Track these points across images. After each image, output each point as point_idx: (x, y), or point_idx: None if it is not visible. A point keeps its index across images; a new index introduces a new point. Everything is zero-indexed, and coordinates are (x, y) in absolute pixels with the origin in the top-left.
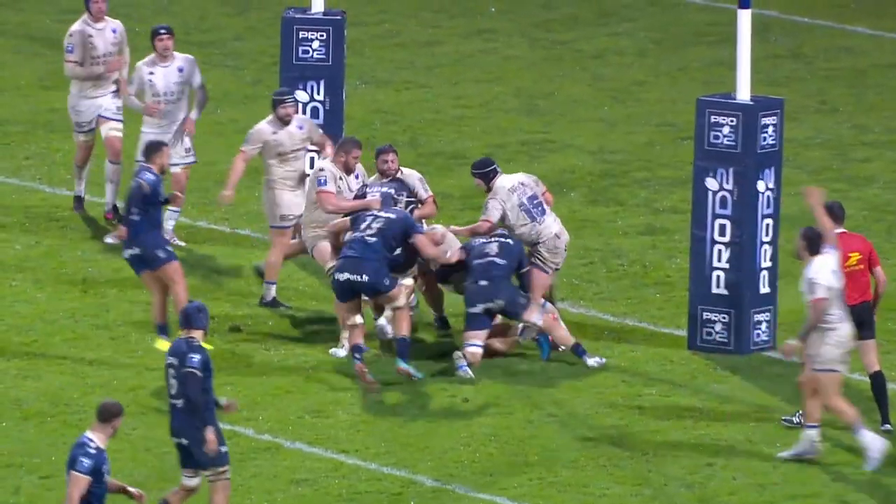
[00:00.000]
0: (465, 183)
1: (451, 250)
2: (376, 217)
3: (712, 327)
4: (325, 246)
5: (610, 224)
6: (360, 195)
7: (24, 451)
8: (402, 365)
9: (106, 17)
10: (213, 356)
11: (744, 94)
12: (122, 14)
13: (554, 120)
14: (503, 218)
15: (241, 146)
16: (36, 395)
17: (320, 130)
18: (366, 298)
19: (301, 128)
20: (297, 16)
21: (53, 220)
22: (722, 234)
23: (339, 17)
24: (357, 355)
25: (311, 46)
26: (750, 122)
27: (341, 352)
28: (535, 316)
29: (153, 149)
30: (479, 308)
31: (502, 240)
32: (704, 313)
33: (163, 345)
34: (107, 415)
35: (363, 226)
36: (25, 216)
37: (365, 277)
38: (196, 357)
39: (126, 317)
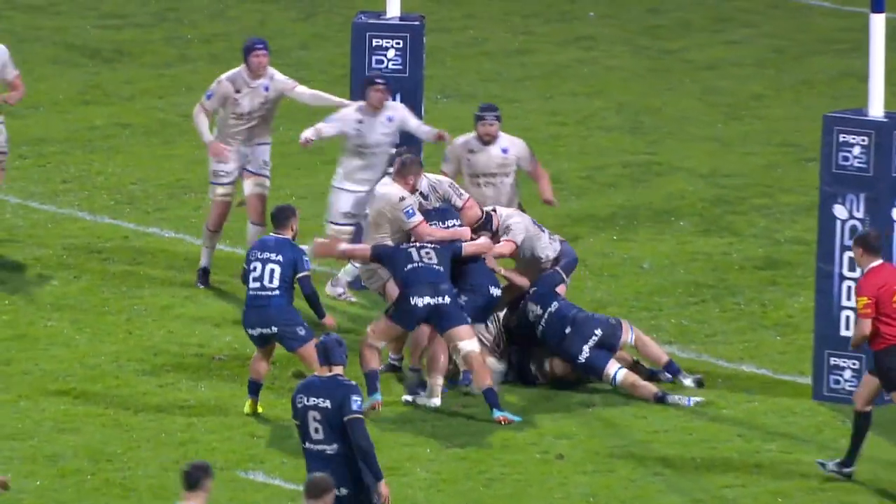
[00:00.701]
0: (560, 209)
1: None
2: (423, 246)
3: (840, 374)
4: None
5: (724, 257)
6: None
7: None
8: (498, 413)
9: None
10: (276, 405)
11: (877, 109)
12: (172, 19)
13: (661, 139)
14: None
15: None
16: (74, 450)
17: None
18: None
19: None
20: (371, 21)
21: (94, 252)
22: (852, 268)
23: (417, 23)
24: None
25: (385, 56)
26: (884, 141)
27: (435, 401)
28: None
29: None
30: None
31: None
32: (831, 359)
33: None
34: (194, 480)
35: (420, 254)
36: (63, 248)
37: (447, 299)
38: (359, 400)
39: (176, 360)
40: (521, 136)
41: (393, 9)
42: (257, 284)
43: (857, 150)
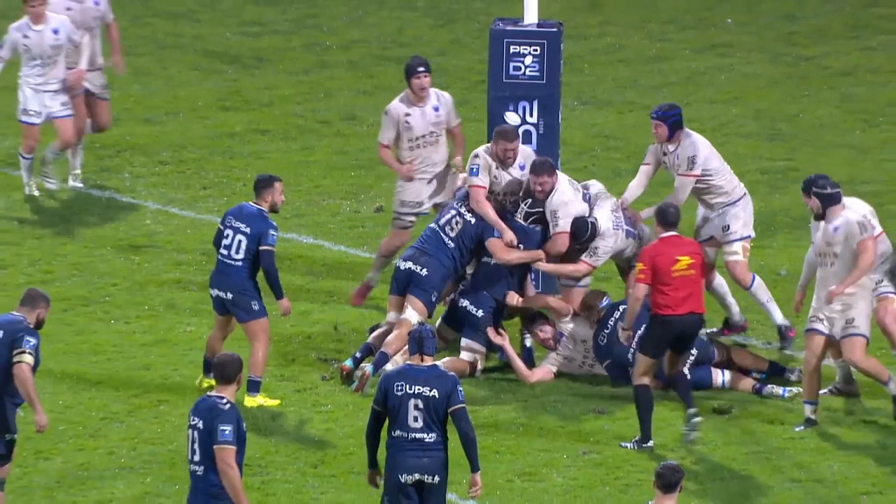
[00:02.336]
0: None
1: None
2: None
3: None
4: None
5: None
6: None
7: None
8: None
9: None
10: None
11: None
12: (311, 26)
13: (798, 146)
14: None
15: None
16: None
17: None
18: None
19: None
20: (508, 28)
21: None
22: None
23: (554, 30)
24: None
25: (523, 62)
26: None
27: None
28: None
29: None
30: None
31: None
32: None
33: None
34: (229, 373)
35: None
36: (202, 253)
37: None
38: (462, 390)
39: (313, 365)
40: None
41: (531, 16)
42: (225, 252)
43: None
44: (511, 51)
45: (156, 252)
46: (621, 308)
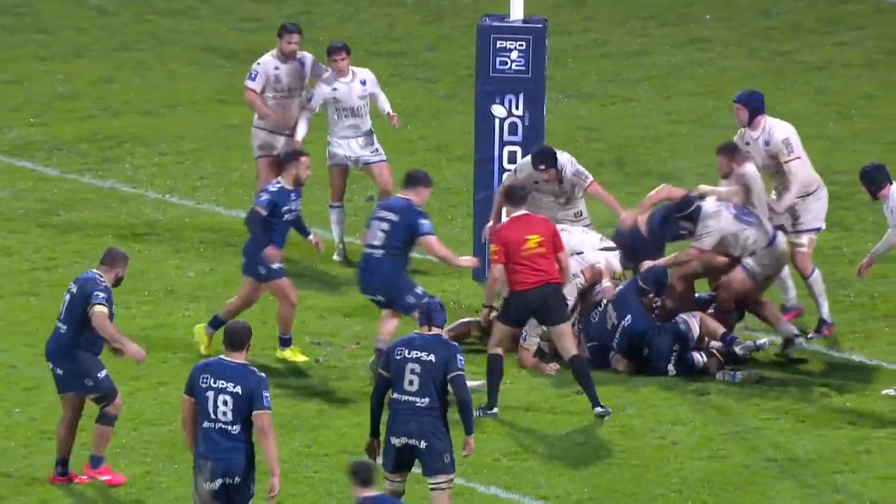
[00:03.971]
0: None
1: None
2: None
3: None
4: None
5: (835, 251)
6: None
7: None
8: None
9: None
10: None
11: None
12: (305, 22)
13: None
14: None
15: None
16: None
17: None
18: None
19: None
20: (495, 24)
21: (230, 246)
22: None
23: (539, 26)
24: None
25: (509, 57)
26: None
27: None
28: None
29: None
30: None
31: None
32: None
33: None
34: (238, 339)
35: None
36: (200, 241)
37: None
38: (462, 359)
39: (307, 349)
40: (639, 133)
41: (517, 12)
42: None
43: None
44: (497, 46)
45: (156, 240)
46: (617, 291)
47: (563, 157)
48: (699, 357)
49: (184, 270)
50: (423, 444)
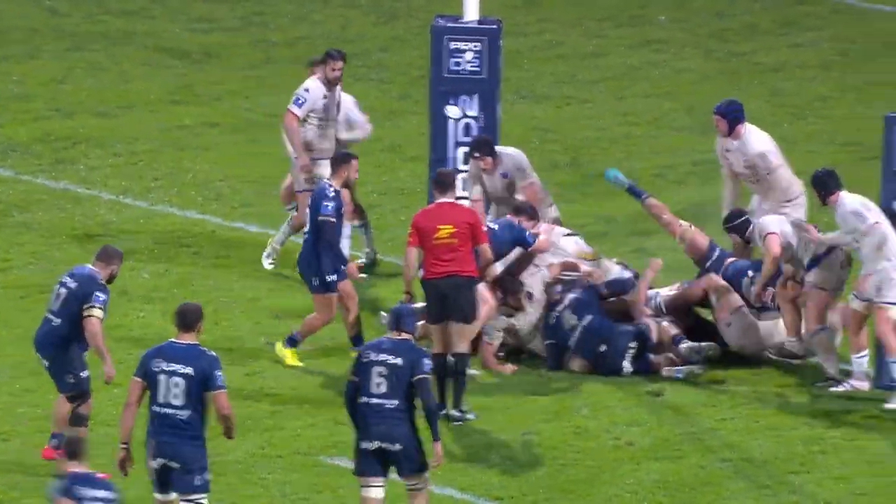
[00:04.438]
0: (632, 207)
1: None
2: None
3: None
4: None
5: None
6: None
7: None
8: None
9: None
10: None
11: None
12: (258, 23)
13: None
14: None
15: None
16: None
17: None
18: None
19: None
20: (449, 25)
21: (184, 246)
22: None
23: (494, 27)
24: None
25: (463, 58)
26: None
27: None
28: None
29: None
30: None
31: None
32: None
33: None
34: (190, 320)
35: None
36: (154, 242)
37: None
38: (430, 363)
39: (262, 350)
40: (595, 135)
41: (471, 13)
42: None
43: None
44: (452, 47)
45: (110, 241)
46: (574, 295)
47: (512, 151)
48: (655, 359)
49: (138, 272)
50: (396, 447)
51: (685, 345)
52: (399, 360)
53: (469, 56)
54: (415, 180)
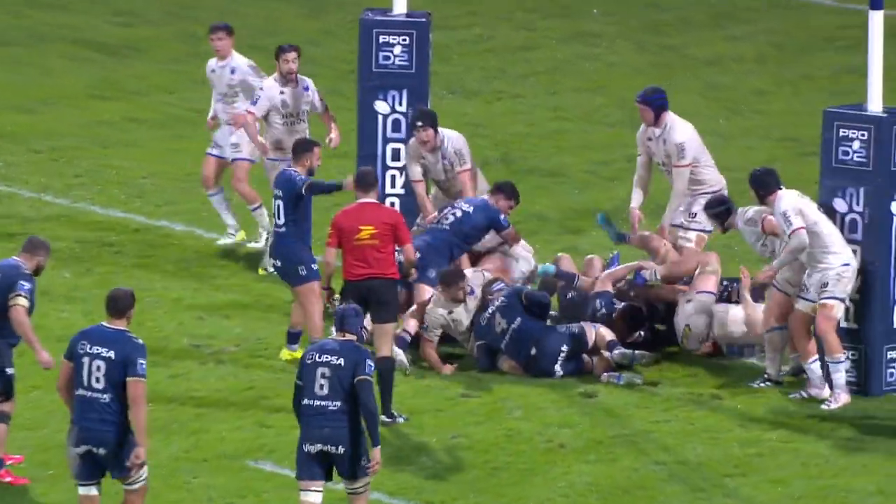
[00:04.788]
0: (563, 203)
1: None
2: None
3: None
4: None
5: (726, 250)
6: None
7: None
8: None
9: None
10: (285, 395)
11: (876, 104)
12: (183, 16)
13: None
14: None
15: None
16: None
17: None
18: None
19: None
20: (377, 18)
21: (106, 246)
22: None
23: (423, 20)
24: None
25: (392, 52)
26: (883, 136)
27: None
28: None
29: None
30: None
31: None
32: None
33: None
34: (123, 306)
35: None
36: (76, 241)
37: None
38: (372, 365)
39: (186, 351)
40: (525, 130)
41: (399, 6)
42: (276, 220)
43: (856, 145)
44: (380, 41)
45: None
46: (501, 298)
47: (453, 134)
48: (588, 360)
49: (59, 271)
50: (340, 450)
51: (618, 351)
52: (342, 361)
53: (398, 50)
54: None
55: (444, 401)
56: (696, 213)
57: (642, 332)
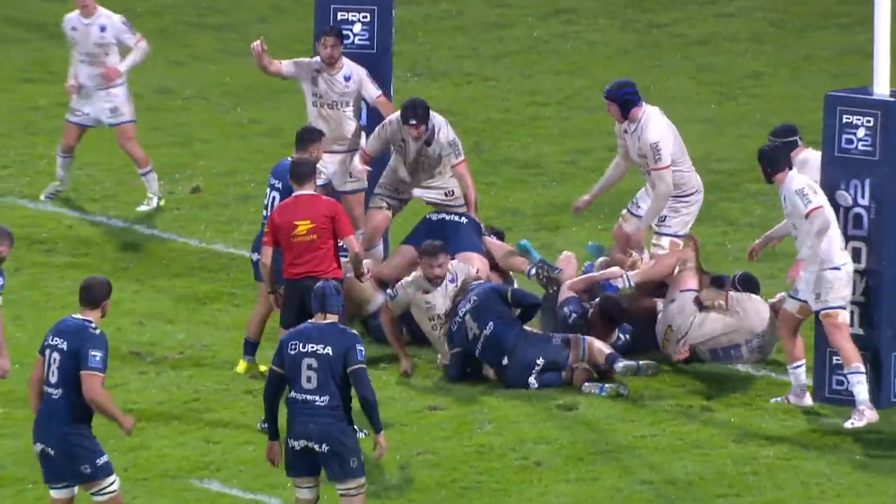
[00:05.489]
0: (540, 197)
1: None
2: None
3: (844, 375)
4: None
5: (718, 247)
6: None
7: None
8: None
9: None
10: (232, 407)
11: (882, 87)
12: None
13: None
14: None
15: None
16: (13, 457)
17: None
18: None
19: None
20: None
21: (37, 243)
22: (856, 259)
23: None
24: None
25: (351, 30)
26: (890, 122)
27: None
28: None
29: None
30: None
31: None
32: (835, 358)
33: (243, 367)
34: (95, 296)
35: None
36: None
37: None
38: (363, 350)
39: (125, 360)
40: (499, 116)
41: None
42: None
43: (861, 133)
44: (339, 17)
45: None
46: (473, 297)
47: (439, 119)
48: (567, 372)
49: None
50: (324, 448)
51: (621, 364)
52: (329, 350)
53: (357, 28)
54: None
55: (409, 414)
56: (665, 217)
57: (621, 336)
